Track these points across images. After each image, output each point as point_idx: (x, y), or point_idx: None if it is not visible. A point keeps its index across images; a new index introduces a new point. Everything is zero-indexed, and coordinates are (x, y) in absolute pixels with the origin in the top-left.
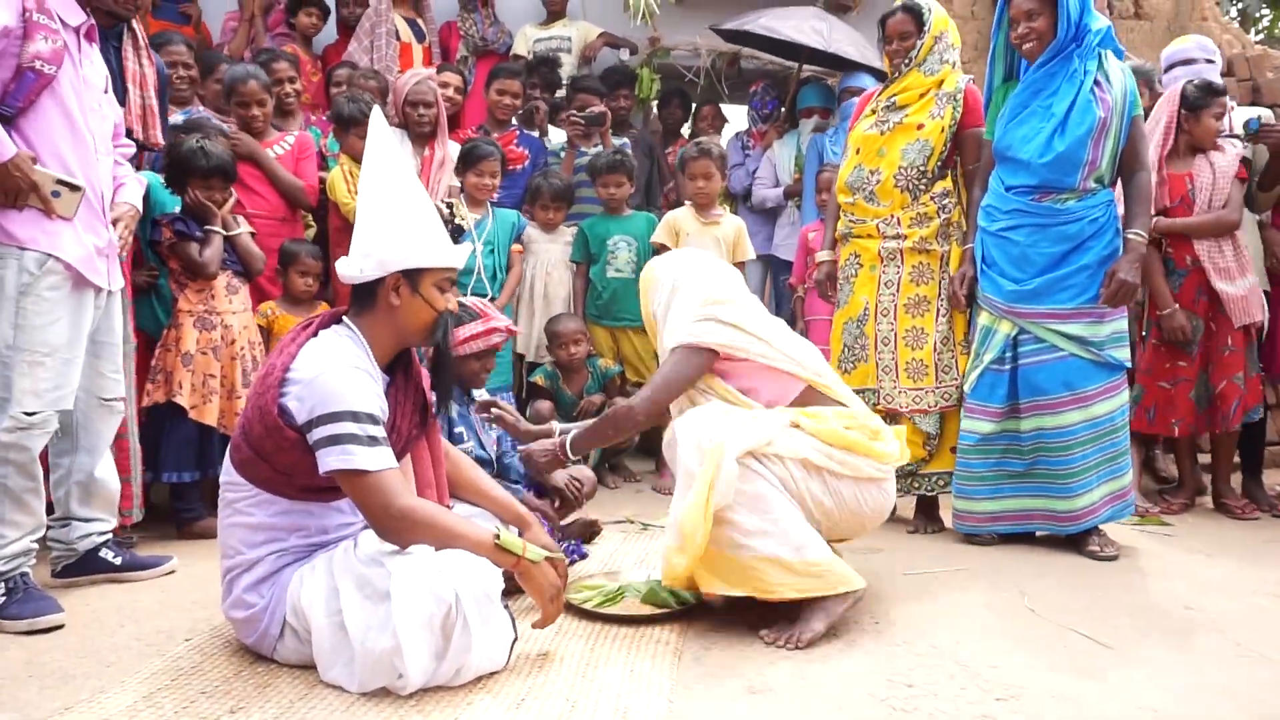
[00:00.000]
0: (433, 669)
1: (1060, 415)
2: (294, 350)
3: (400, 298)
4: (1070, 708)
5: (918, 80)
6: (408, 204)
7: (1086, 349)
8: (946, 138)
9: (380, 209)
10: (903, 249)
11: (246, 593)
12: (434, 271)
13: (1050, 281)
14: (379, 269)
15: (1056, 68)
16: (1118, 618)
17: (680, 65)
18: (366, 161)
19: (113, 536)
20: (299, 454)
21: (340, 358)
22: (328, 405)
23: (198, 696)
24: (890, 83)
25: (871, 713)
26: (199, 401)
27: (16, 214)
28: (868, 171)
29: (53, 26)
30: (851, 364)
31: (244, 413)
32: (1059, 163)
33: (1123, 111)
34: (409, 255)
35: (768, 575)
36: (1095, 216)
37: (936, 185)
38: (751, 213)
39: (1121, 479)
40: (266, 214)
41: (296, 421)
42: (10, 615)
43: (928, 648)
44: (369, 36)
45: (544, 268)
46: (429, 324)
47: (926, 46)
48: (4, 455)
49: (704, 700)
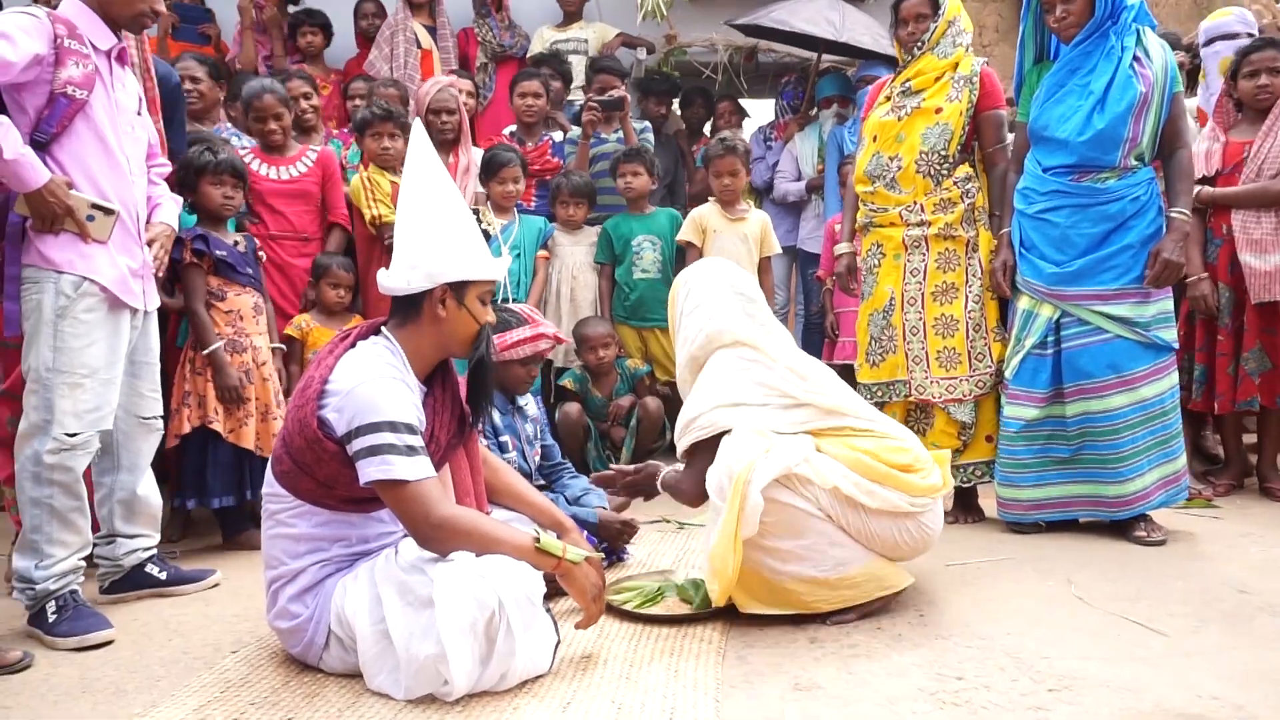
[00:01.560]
0: (478, 674)
1: (1106, 399)
2: (332, 362)
3: (446, 310)
4: (1128, 697)
5: (931, 64)
6: (452, 215)
7: (1132, 330)
8: (965, 120)
9: (425, 220)
10: (927, 235)
11: (291, 603)
12: (479, 284)
13: (1093, 262)
14: (427, 281)
15: (1093, 46)
16: (1170, 604)
17: (697, 62)
18: (408, 173)
19: (156, 552)
20: (339, 465)
21: (378, 369)
22: (366, 416)
23: (247, 708)
24: (903, 68)
25: (922, 707)
26: (235, 425)
27: (52, 238)
28: (887, 158)
29: (84, 51)
30: (880, 356)
31: (284, 425)
32: (1099, 140)
33: (1164, 87)
34: (457, 268)
35: (804, 594)
36: (1137, 195)
37: (958, 169)
38: (774, 206)
39: (1174, 462)
40: (290, 234)
41: (336, 433)
42: (61, 632)
43: (976, 640)
44: (389, 45)
45: (570, 271)
46: (471, 336)
47: (940, 30)
48: (49, 476)
49: (750, 700)
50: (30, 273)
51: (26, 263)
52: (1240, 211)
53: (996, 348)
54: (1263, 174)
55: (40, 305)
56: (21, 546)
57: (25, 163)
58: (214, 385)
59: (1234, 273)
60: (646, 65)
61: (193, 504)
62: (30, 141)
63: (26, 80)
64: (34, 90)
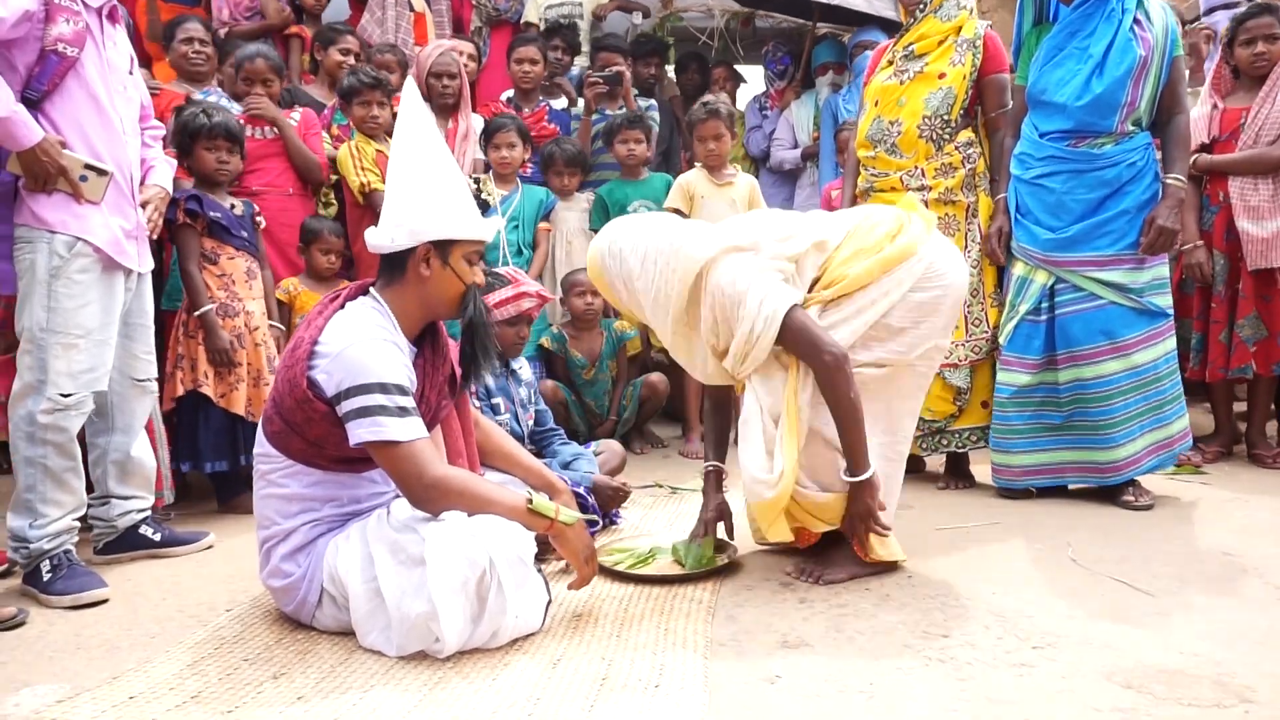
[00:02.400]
0: (469, 632)
1: (1099, 365)
2: (321, 323)
3: (430, 269)
4: (1110, 654)
5: (934, 26)
6: (440, 175)
7: (1126, 296)
8: (969, 85)
9: (412, 179)
10: (928, 200)
11: (284, 562)
12: (464, 243)
13: (1088, 228)
14: (410, 238)
15: (1093, 8)
16: (1156, 566)
17: (693, 27)
18: (398, 133)
19: (151, 513)
20: (329, 426)
21: (367, 329)
22: (356, 377)
23: (240, 664)
24: (905, 31)
25: (908, 664)
26: (226, 390)
27: (45, 198)
28: (888, 123)
29: (74, 8)
30: None
31: (275, 385)
32: (1096, 105)
33: (1164, 50)
34: (441, 225)
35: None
36: (1133, 160)
37: (960, 134)
38: (771, 174)
39: (1166, 428)
40: (277, 190)
41: (326, 394)
42: (56, 591)
43: (962, 599)
44: (381, 8)
45: (564, 237)
46: (457, 296)
47: None
48: (43, 436)
49: (739, 657)
50: (23, 232)
51: (19, 222)
52: (1238, 178)
53: (993, 313)
54: (1260, 140)
55: (34, 265)
56: (16, 506)
57: (18, 120)
58: (204, 348)
59: (1229, 240)
60: (641, 30)
61: (187, 467)
62: (21, 100)
63: (16, 37)
64: (24, 47)
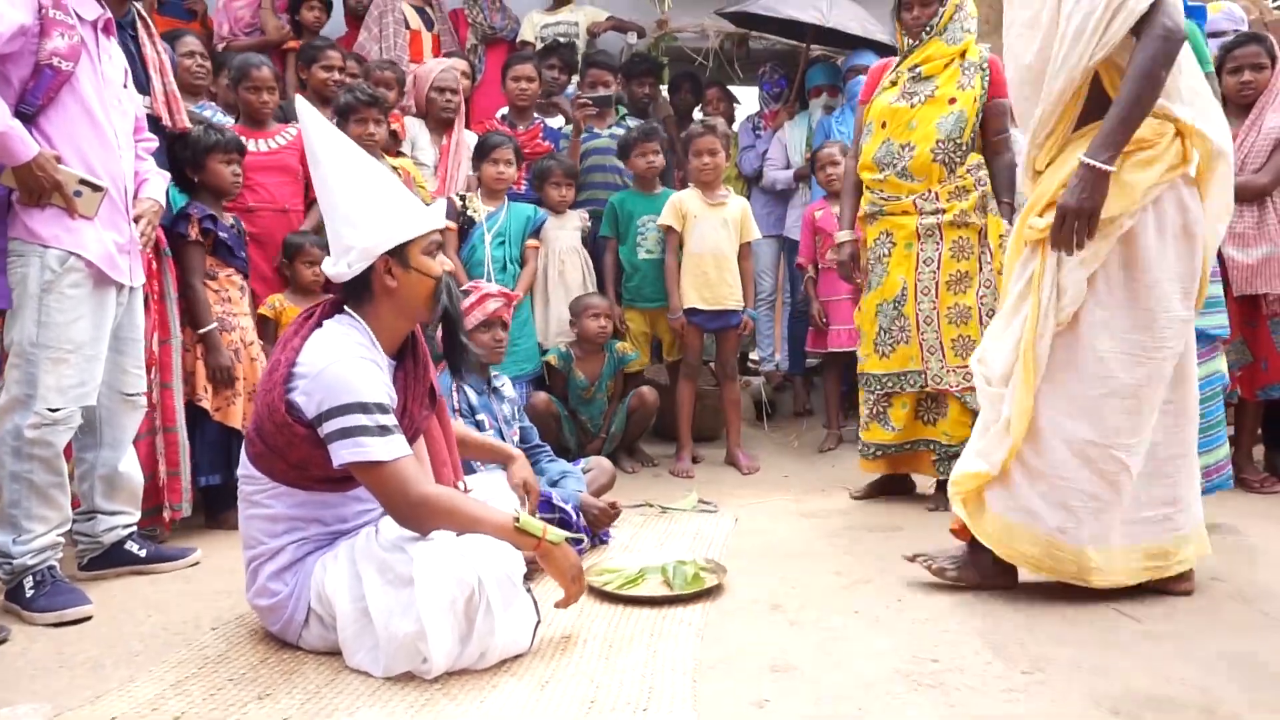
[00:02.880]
0: (457, 652)
1: None
2: (298, 344)
3: (395, 278)
4: (1099, 680)
5: (940, 49)
6: (367, 184)
7: None
8: (979, 108)
9: (343, 199)
10: (941, 224)
11: (270, 580)
12: (418, 241)
13: None
14: (364, 258)
15: None
16: (1146, 591)
17: (688, 48)
18: (311, 156)
19: (139, 531)
20: (310, 448)
21: (346, 348)
22: (337, 398)
23: (225, 684)
24: (910, 52)
25: (897, 688)
26: (222, 404)
27: (39, 212)
28: (899, 146)
29: (69, 22)
30: (889, 347)
31: (255, 409)
32: None
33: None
34: (389, 234)
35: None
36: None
37: (970, 158)
38: (763, 194)
39: (1212, 452)
40: (268, 205)
41: (305, 416)
42: (39, 608)
43: (951, 624)
44: (378, 25)
45: (558, 254)
46: (430, 293)
47: (948, 14)
48: (29, 451)
49: (728, 680)
50: (16, 245)
51: (12, 236)
52: None
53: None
54: (1245, 168)
55: (25, 279)
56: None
57: (14, 136)
58: (206, 365)
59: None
60: (636, 50)
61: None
62: (16, 114)
63: (11, 51)
64: (18, 61)
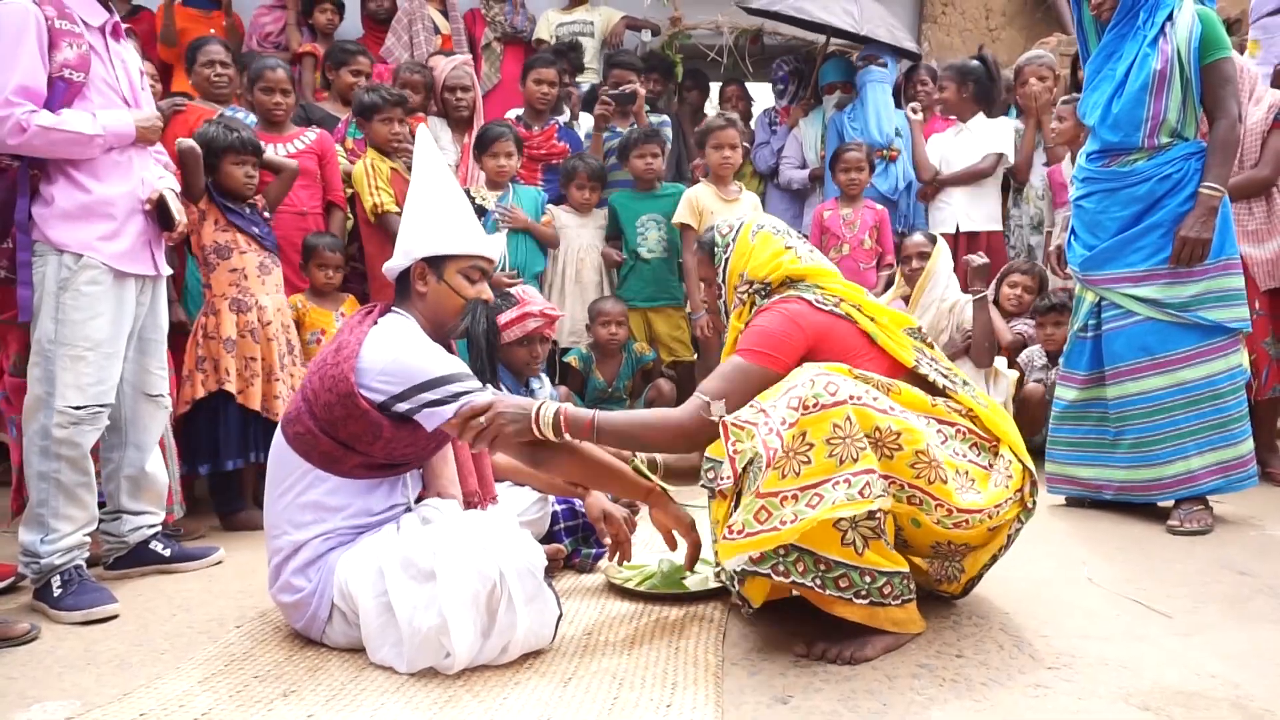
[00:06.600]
0: (479, 646)
1: (1141, 380)
2: (362, 333)
3: (426, 285)
4: (1126, 676)
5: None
6: (436, 197)
7: (1162, 311)
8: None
9: (413, 206)
10: None
11: (294, 576)
12: (457, 259)
13: (1119, 244)
14: (405, 258)
15: (1125, 28)
16: (1170, 585)
17: (702, 45)
18: (414, 173)
19: (161, 529)
20: (364, 425)
21: (410, 336)
22: (424, 374)
23: (251, 681)
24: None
25: (922, 684)
26: (244, 386)
27: (57, 219)
28: None
29: (75, 31)
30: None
31: (306, 385)
32: (1116, 124)
33: (1188, 58)
34: (428, 243)
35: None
36: (1168, 174)
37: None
38: (779, 191)
39: (1234, 447)
40: (285, 209)
41: (376, 400)
42: (67, 606)
43: (976, 618)
44: (407, 32)
45: (576, 253)
46: (457, 311)
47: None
48: (56, 451)
49: (751, 676)
50: (37, 247)
51: (35, 239)
52: (1233, 204)
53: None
54: (1244, 165)
55: (43, 277)
56: (28, 520)
57: (113, 131)
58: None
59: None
60: (650, 48)
61: (205, 469)
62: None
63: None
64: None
